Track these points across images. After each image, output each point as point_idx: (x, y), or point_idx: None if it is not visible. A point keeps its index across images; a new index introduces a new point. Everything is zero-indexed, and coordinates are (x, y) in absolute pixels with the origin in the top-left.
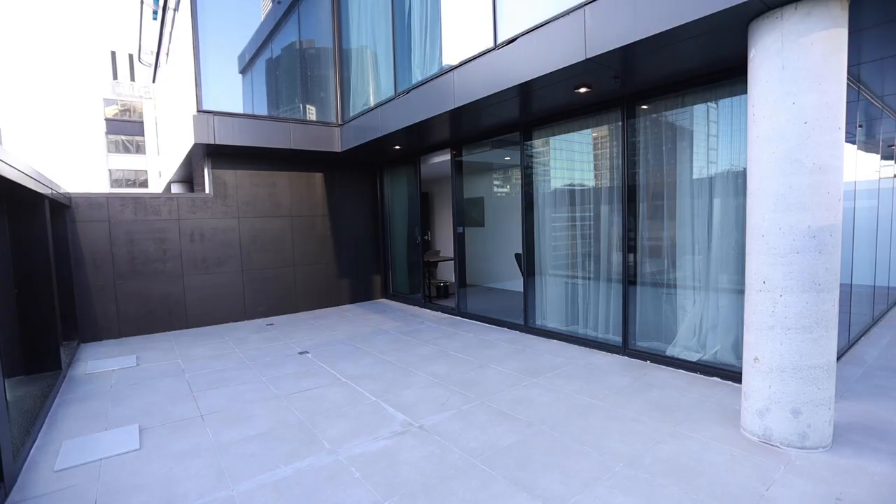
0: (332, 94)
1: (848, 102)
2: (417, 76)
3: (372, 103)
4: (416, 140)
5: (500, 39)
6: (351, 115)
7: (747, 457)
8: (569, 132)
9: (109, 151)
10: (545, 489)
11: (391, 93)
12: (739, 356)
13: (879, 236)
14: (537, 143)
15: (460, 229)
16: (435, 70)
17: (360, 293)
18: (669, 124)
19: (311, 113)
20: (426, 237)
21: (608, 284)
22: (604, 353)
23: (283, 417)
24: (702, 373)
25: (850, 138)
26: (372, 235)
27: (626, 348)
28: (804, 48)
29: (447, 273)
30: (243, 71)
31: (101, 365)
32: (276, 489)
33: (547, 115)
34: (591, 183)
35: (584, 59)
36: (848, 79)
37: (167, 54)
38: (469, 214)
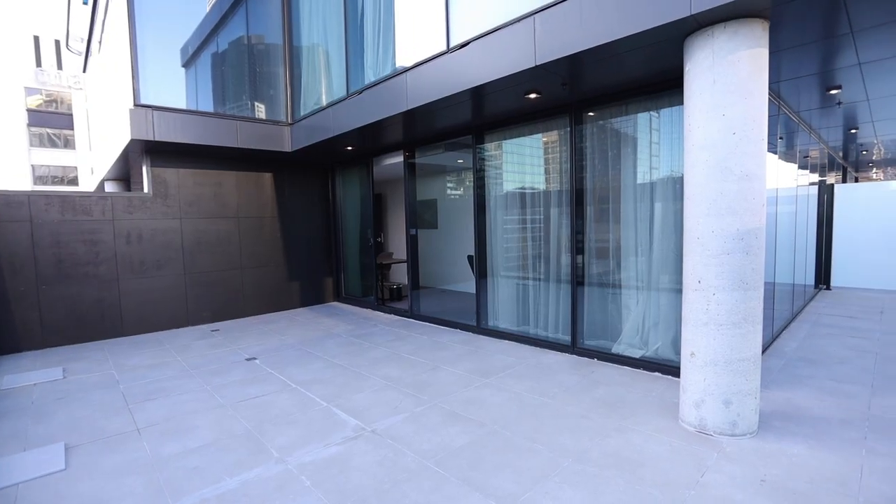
0: (281, 92)
1: (770, 116)
2: (370, 77)
3: (324, 103)
4: (369, 141)
5: (453, 43)
6: (302, 114)
7: (685, 446)
8: (520, 136)
9: (32, 145)
10: (497, 488)
11: (343, 93)
12: (678, 352)
13: (797, 239)
14: (489, 147)
15: (413, 231)
16: (388, 71)
17: (311, 296)
18: (615, 131)
19: (261, 111)
20: (379, 239)
21: (557, 285)
22: (554, 352)
23: (229, 427)
24: (645, 368)
25: (772, 149)
26: (324, 237)
27: (574, 347)
28: (732, 64)
29: (400, 275)
30: (186, 64)
31: (21, 379)
32: (221, 503)
33: (498, 118)
34: (541, 186)
35: (533, 65)
36: (770, 94)
37: (100, 42)
38: (422, 216)
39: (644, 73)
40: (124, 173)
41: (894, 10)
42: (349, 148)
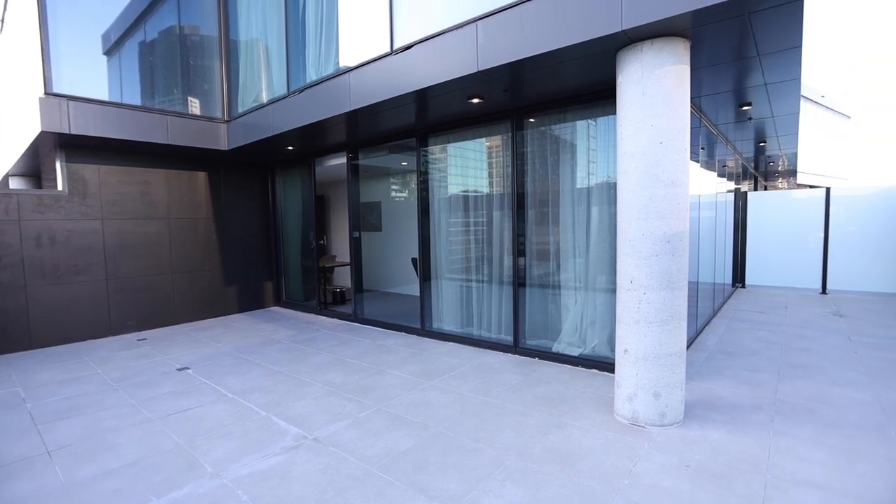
0: (217, 88)
1: (692, 128)
2: (312, 75)
3: (264, 100)
4: (311, 141)
5: (397, 45)
6: (239, 111)
7: (619, 438)
8: (463, 140)
9: None
10: (442, 489)
11: (284, 90)
12: (614, 349)
13: (717, 241)
14: (433, 150)
15: (357, 234)
16: (331, 70)
17: (249, 301)
18: (554, 137)
19: (195, 106)
20: (322, 242)
21: (500, 287)
22: (497, 352)
23: (157, 443)
24: (583, 366)
25: (695, 158)
26: (263, 239)
27: (517, 347)
28: (659, 78)
29: (344, 278)
30: (109, 52)
31: None
32: None
33: (442, 122)
34: (484, 190)
35: (476, 70)
36: (692, 108)
37: (2, 21)
38: (366, 219)
39: (581, 83)
40: (33, 169)
41: (790, 38)
42: (290, 148)
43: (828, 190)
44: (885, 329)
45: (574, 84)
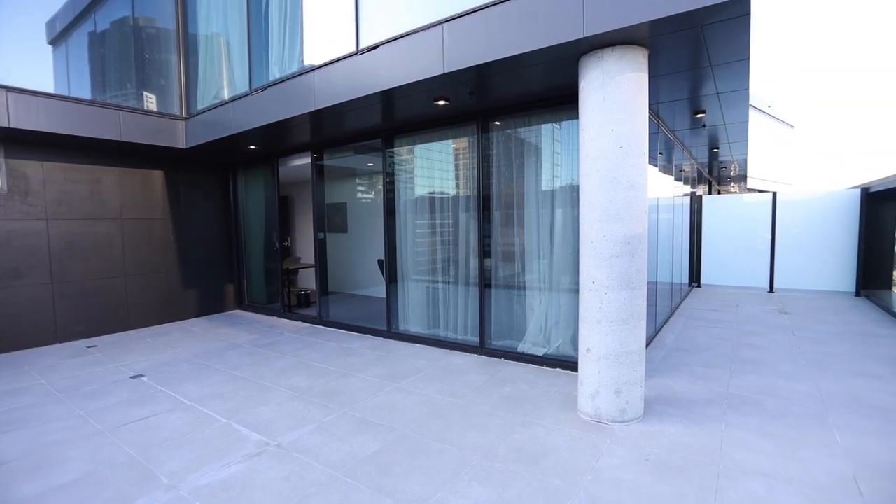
0: (175, 83)
1: (651, 133)
2: (276, 73)
3: (226, 97)
4: (275, 140)
5: (363, 45)
6: (199, 108)
7: (582, 435)
8: (430, 142)
9: None
10: (408, 492)
11: (246, 88)
12: (577, 348)
13: (674, 242)
14: (399, 151)
15: (322, 235)
16: (295, 69)
17: (209, 305)
18: (519, 140)
19: (150, 102)
20: (285, 243)
21: (466, 288)
22: (463, 353)
23: (108, 456)
24: (548, 365)
25: (653, 162)
26: (224, 241)
27: (483, 348)
28: (619, 85)
29: (308, 281)
30: (54, 42)
31: None
32: None
33: (408, 123)
34: (450, 191)
35: (442, 73)
36: (650, 114)
37: None
38: (331, 220)
39: (545, 87)
40: None
41: (739, 51)
42: (253, 147)
43: (774, 194)
44: (824, 325)
45: (539, 88)
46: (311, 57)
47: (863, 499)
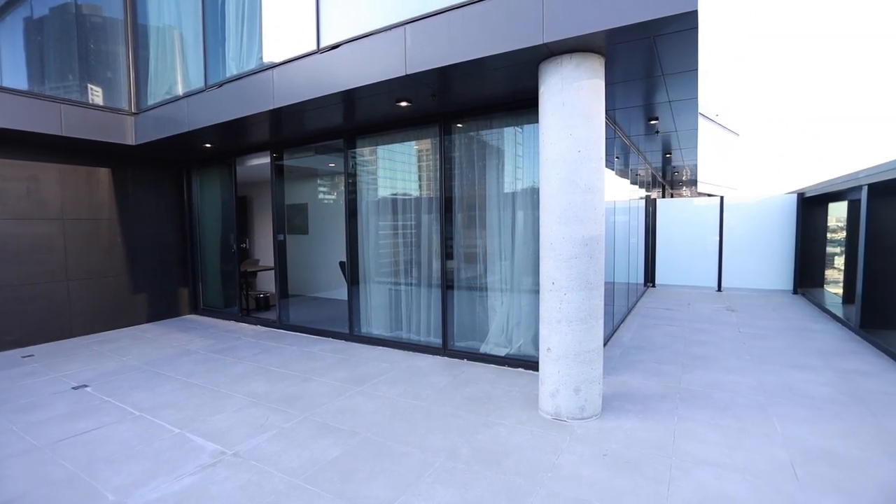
0: (123, 76)
1: (608, 138)
2: (233, 69)
3: (179, 92)
4: (232, 139)
5: (324, 44)
6: (149, 103)
7: (543, 433)
8: (392, 143)
9: None
10: (370, 497)
11: (201, 84)
12: (538, 348)
13: (630, 244)
14: (361, 151)
15: (281, 237)
16: (253, 65)
17: (162, 310)
18: (481, 143)
19: (96, 95)
20: (244, 245)
21: (429, 290)
22: (426, 355)
23: (45, 474)
24: (510, 365)
25: (610, 166)
26: (178, 243)
27: (445, 349)
28: (577, 91)
29: (268, 283)
30: None
31: None
32: None
33: (370, 124)
34: (412, 193)
35: (404, 74)
36: (607, 120)
37: None
38: (292, 221)
39: (507, 91)
40: None
41: (688, 62)
42: (209, 145)
43: (722, 199)
44: (766, 321)
45: (500, 92)
46: (271, 54)
47: (798, 482)
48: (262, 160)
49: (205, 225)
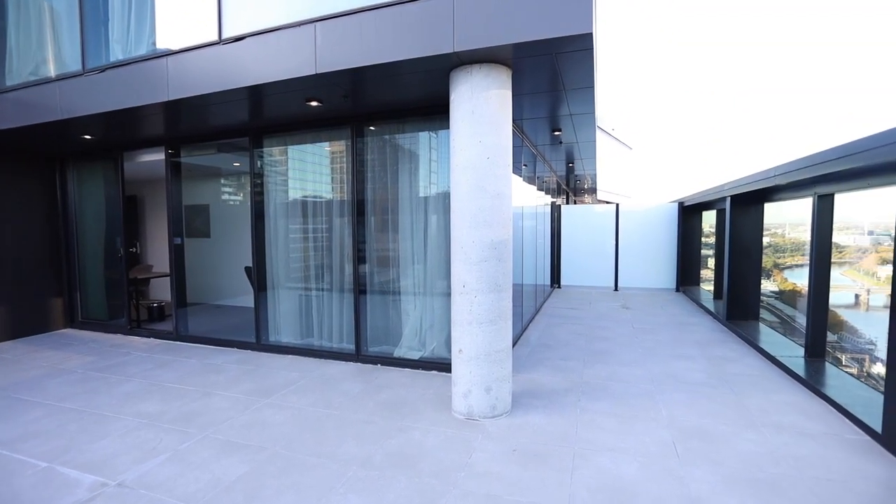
0: None
1: (516, 146)
2: (118, 53)
3: (52, 74)
4: (118, 131)
5: (227, 35)
6: (7, 84)
7: (457, 434)
8: (302, 143)
9: None
10: None
11: (78, 66)
12: (451, 350)
13: (538, 247)
14: (269, 151)
15: (178, 240)
16: (143, 51)
17: (26, 325)
18: (395, 146)
19: None
20: (133, 249)
21: (341, 295)
22: (339, 362)
23: None
24: (424, 368)
25: (518, 173)
26: (48, 248)
27: (359, 355)
28: (486, 100)
29: (163, 291)
30: None
31: None
32: None
33: (279, 122)
34: (324, 195)
35: (314, 73)
36: (515, 129)
37: None
38: (191, 223)
39: (421, 96)
40: None
41: (585, 79)
42: (89, 137)
43: (617, 206)
44: (654, 317)
45: (414, 96)
46: (165, 40)
47: (679, 458)
48: (156, 156)
49: (84, 227)
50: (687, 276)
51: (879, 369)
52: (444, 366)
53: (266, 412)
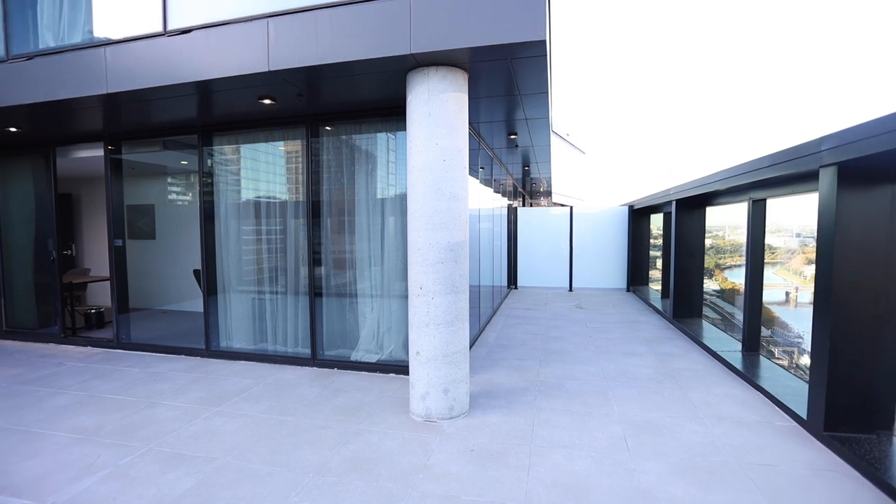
0: None
1: (472, 149)
2: (48, 40)
3: None
4: (50, 124)
5: (173, 26)
6: None
7: (415, 436)
8: (254, 142)
9: None
10: None
11: (1, 52)
12: (408, 352)
13: (494, 249)
14: (219, 150)
15: (119, 242)
16: (78, 39)
17: None
18: (352, 147)
19: None
20: (67, 252)
21: (296, 298)
22: (294, 367)
23: None
24: (381, 371)
25: (475, 176)
26: None
27: (315, 359)
28: (443, 102)
29: (102, 297)
30: None
31: None
32: None
33: (230, 120)
34: (278, 196)
35: (267, 70)
36: (472, 132)
37: None
38: (134, 224)
39: (378, 97)
40: None
41: (540, 85)
42: (14, 129)
43: (571, 209)
44: (607, 316)
45: (371, 97)
46: (103, 29)
47: (629, 452)
48: (95, 152)
49: (9, 227)
50: (637, 276)
51: (806, 360)
52: (402, 368)
53: (216, 421)
